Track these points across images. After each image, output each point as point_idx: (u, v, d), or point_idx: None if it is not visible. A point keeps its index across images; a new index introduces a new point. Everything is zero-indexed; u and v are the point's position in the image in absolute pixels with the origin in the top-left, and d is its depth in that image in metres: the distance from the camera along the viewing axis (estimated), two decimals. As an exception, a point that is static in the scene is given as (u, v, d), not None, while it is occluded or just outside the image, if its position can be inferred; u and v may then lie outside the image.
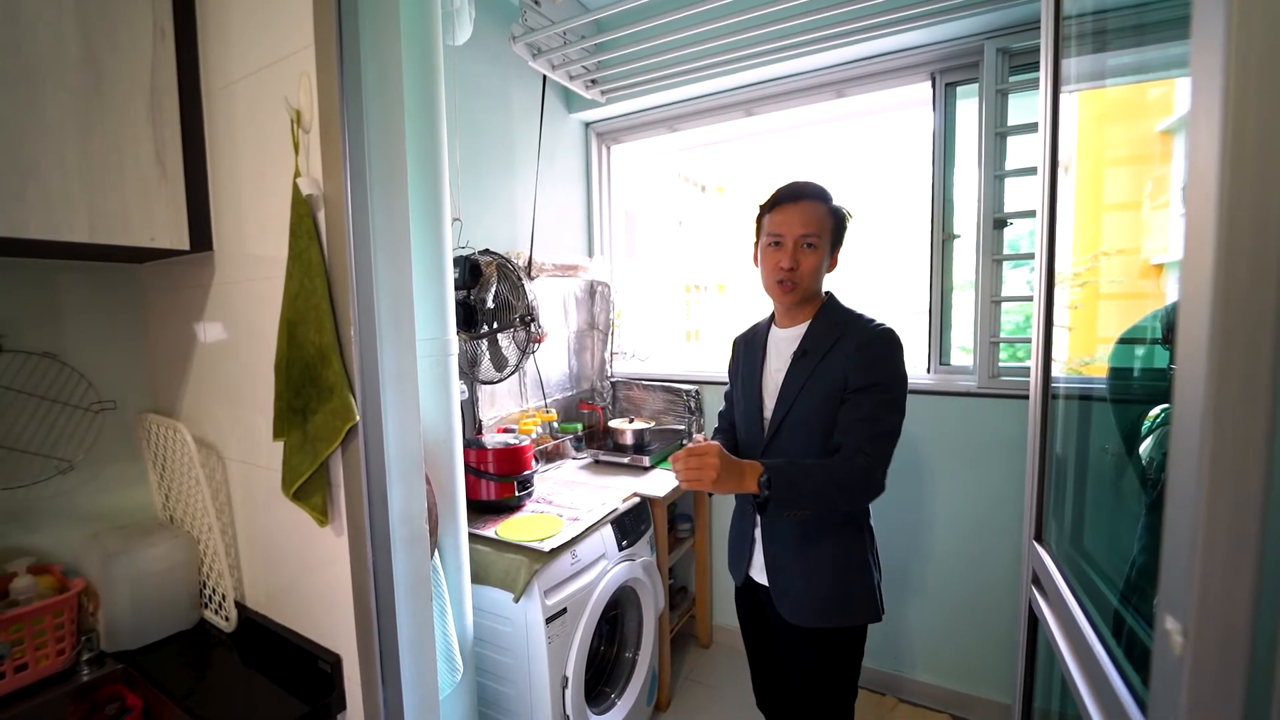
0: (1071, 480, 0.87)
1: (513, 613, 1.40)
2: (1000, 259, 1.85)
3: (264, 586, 1.04)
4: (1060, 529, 0.87)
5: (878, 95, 2.09)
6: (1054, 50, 0.87)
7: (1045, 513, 0.87)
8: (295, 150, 0.79)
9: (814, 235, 1.12)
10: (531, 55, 1.90)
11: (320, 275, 0.77)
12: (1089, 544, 0.83)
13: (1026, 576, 0.88)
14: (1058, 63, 0.86)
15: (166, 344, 1.13)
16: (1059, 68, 0.86)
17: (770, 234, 1.15)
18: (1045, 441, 0.87)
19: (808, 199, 1.13)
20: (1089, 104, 1.27)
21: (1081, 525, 0.85)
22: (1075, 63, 0.91)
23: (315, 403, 0.78)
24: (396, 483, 0.87)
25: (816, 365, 1.12)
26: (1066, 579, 0.75)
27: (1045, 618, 0.79)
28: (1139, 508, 1.17)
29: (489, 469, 1.63)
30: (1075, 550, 0.84)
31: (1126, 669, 0.61)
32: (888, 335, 1.10)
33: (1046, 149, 0.86)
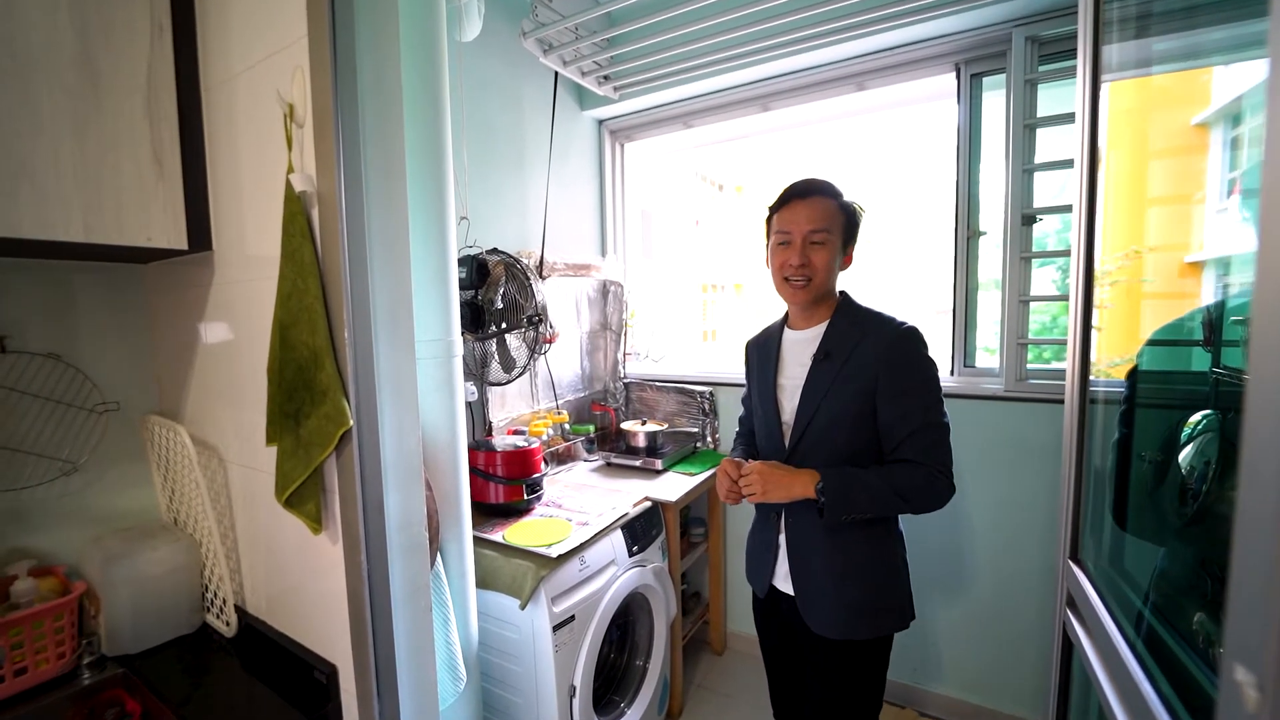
0: (1111, 495, 0.81)
1: (519, 619, 1.37)
2: (1029, 256, 1.77)
3: (264, 592, 1.02)
4: (1099, 548, 0.81)
5: (900, 88, 2.01)
6: (1093, 36, 0.80)
7: (1082, 530, 0.81)
8: (288, 145, 0.77)
9: (823, 231, 1.08)
10: (542, 51, 1.86)
11: (313, 275, 0.74)
12: (1131, 565, 0.76)
13: (1060, 597, 0.82)
14: (1097, 49, 0.79)
15: (171, 345, 1.12)
16: (1099, 55, 0.80)
17: (779, 232, 1.12)
18: (1082, 452, 0.81)
19: (815, 195, 1.09)
20: (1117, 96, 1.19)
21: (1123, 545, 0.78)
22: (1117, 49, 0.84)
23: (308, 407, 0.75)
24: (393, 489, 0.84)
25: (841, 368, 1.07)
26: (1108, 606, 0.69)
27: (1082, 645, 0.73)
28: (1176, 520, 1.09)
29: (497, 472, 1.60)
30: (1116, 572, 0.77)
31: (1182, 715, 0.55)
32: (914, 333, 1.06)
33: (1085, 140, 0.79)
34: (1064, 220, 1.83)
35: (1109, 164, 1.01)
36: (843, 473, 1.04)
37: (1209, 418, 1.17)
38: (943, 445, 1.02)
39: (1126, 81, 1.85)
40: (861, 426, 1.06)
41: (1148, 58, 0.86)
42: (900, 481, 1.01)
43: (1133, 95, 1.15)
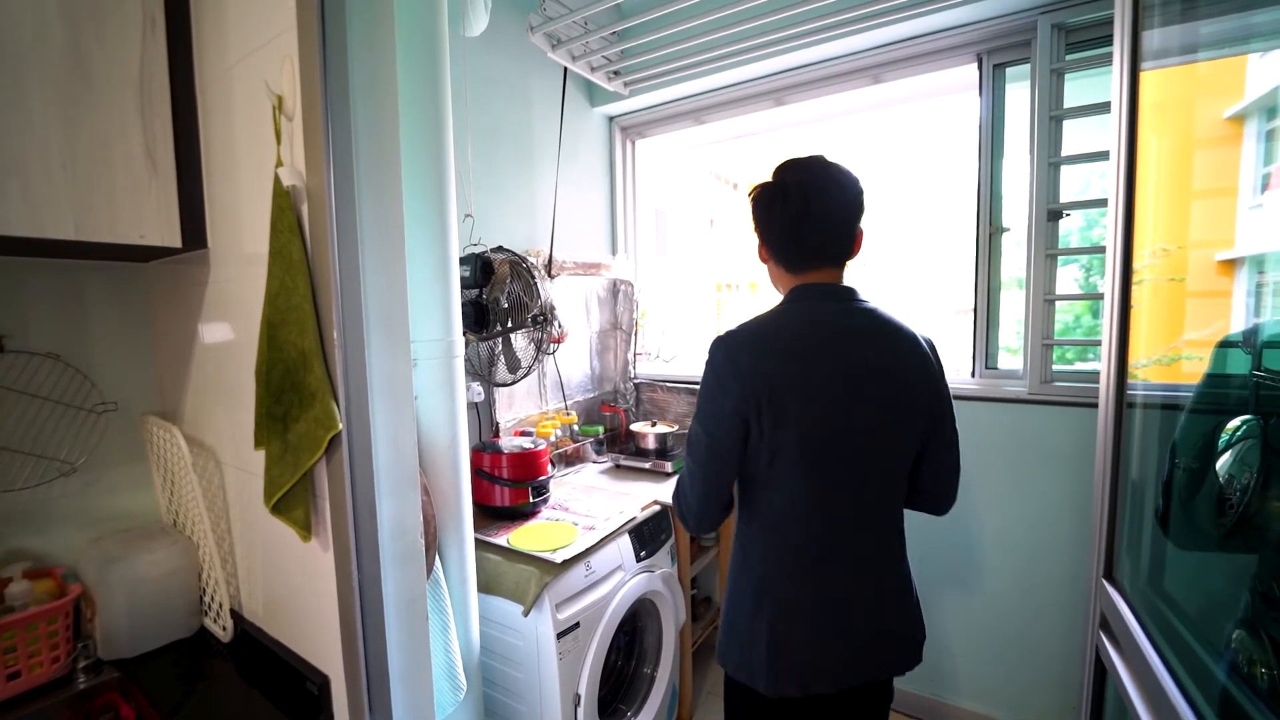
0: (1150, 507, 0.75)
1: (523, 626, 1.34)
2: (1054, 254, 1.69)
3: (261, 597, 1.00)
4: (1136, 566, 0.75)
5: (918, 80, 1.94)
6: (1133, 20, 0.74)
7: (1117, 546, 0.75)
8: (277, 139, 0.74)
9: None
10: (551, 46, 1.83)
11: (302, 273, 0.72)
12: (1172, 586, 0.70)
13: (1092, 619, 0.76)
14: (1136, 34, 0.73)
15: (172, 345, 1.11)
16: (1138, 40, 0.74)
17: None
18: (1118, 461, 0.75)
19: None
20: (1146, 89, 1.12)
21: (1162, 562, 0.73)
22: (1158, 34, 0.78)
23: (297, 410, 0.73)
24: (387, 495, 0.81)
25: None
26: (1148, 631, 0.63)
27: (1117, 670, 0.68)
28: (1213, 532, 1.03)
29: (503, 474, 1.58)
30: (1154, 592, 0.72)
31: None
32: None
33: (1122, 131, 0.74)
34: (1087, 217, 1.75)
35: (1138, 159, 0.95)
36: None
37: (1249, 423, 1.10)
38: (682, 467, 0.97)
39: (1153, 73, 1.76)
40: None
41: (1193, 43, 0.80)
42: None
43: (1161, 88, 1.08)
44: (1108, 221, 0.75)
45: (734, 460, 0.89)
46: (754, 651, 0.91)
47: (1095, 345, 2.35)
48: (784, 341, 0.87)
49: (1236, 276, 1.05)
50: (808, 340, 0.88)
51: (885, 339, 0.90)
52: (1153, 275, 1.09)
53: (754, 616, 0.91)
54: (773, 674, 0.89)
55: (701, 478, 0.91)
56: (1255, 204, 1.06)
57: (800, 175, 0.92)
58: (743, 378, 0.85)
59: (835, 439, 0.86)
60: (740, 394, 0.85)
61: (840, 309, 0.91)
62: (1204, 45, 0.80)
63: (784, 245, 0.94)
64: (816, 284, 0.93)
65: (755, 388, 0.84)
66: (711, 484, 0.91)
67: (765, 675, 0.89)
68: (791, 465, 0.86)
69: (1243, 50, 0.94)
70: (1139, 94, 0.73)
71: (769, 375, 0.85)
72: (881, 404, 0.88)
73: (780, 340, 0.88)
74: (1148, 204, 0.97)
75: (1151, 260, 1.14)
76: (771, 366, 0.85)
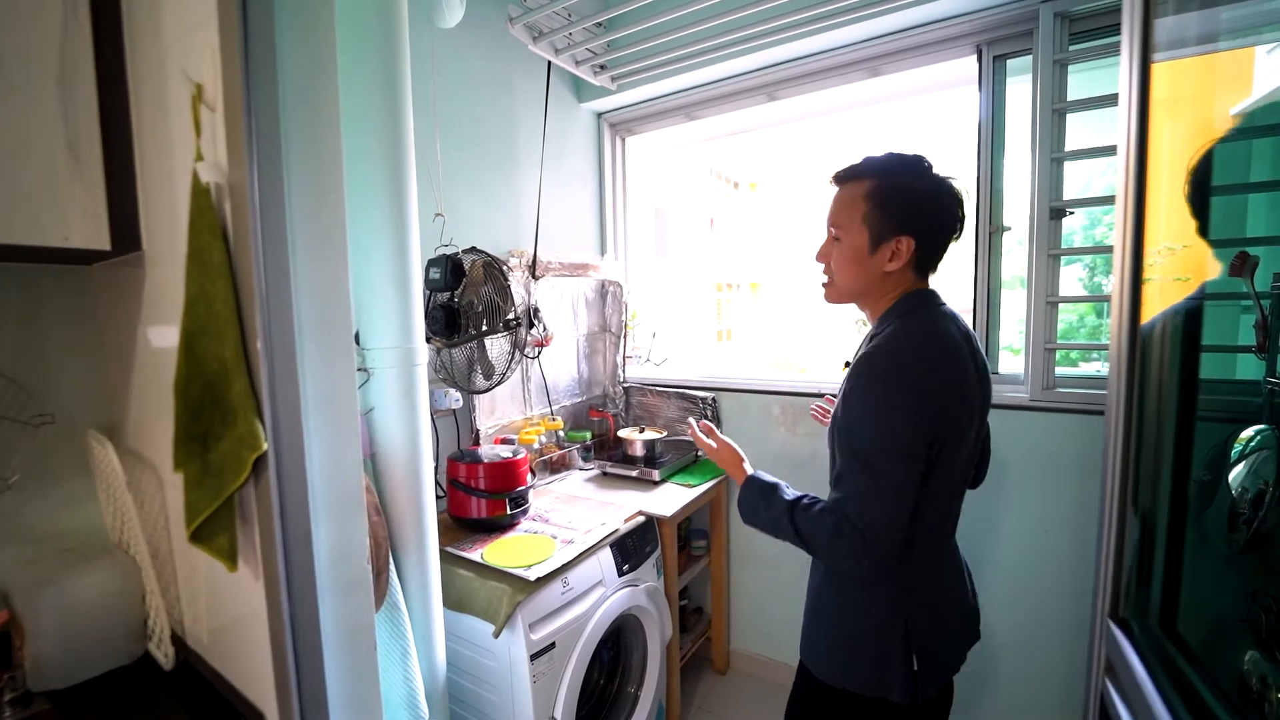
0: (1164, 536, 0.68)
1: (495, 646, 1.28)
2: (1057, 254, 1.62)
3: (205, 624, 0.93)
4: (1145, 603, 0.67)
5: (916, 73, 1.87)
6: (1144, 4, 0.67)
7: (1125, 583, 0.67)
8: (196, 131, 0.68)
9: (836, 224, 0.97)
10: (532, 38, 1.77)
11: (222, 277, 0.65)
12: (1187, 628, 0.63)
13: (1097, 662, 0.69)
14: (1148, 20, 0.66)
15: (116, 353, 1.04)
16: (1149, 27, 0.67)
17: None
18: (1126, 483, 0.68)
19: (843, 182, 0.98)
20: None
21: (1175, 598, 0.65)
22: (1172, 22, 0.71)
23: (218, 428, 0.66)
24: (325, 519, 0.75)
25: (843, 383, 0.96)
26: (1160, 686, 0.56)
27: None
28: (1225, 549, 0.96)
29: (479, 485, 1.51)
30: (1165, 634, 0.64)
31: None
32: (875, 354, 0.89)
33: (1132, 123, 0.67)
34: (1089, 215, 1.67)
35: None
36: (764, 488, 0.99)
37: (1264, 434, 1.03)
38: (861, 501, 0.85)
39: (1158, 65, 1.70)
40: (832, 453, 0.97)
41: (1210, 31, 0.72)
42: (805, 521, 0.90)
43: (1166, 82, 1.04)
44: (1116, 219, 0.68)
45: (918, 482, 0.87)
46: (888, 665, 0.91)
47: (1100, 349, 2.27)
48: (952, 360, 0.89)
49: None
50: (960, 356, 0.90)
51: (976, 344, 0.97)
52: (1159, 275, 1.02)
53: (886, 631, 0.92)
54: (919, 683, 0.91)
55: (902, 510, 0.84)
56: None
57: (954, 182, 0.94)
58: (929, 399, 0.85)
59: (968, 458, 0.95)
60: (931, 415, 0.85)
61: (952, 317, 0.95)
62: (1224, 34, 0.73)
63: (935, 250, 0.95)
64: (931, 290, 0.97)
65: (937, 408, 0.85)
66: (909, 514, 0.85)
67: (908, 687, 0.90)
68: (939, 486, 0.89)
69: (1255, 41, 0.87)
70: (1150, 85, 0.66)
71: (947, 396, 0.87)
72: (983, 411, 0.97)
73: (949, 358, 0.89)
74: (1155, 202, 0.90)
75: (1157, 259, 1.09)
76: (948, 386, 0.87)
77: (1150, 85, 0.65)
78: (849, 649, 0.95)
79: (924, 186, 0.92)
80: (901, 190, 0.91)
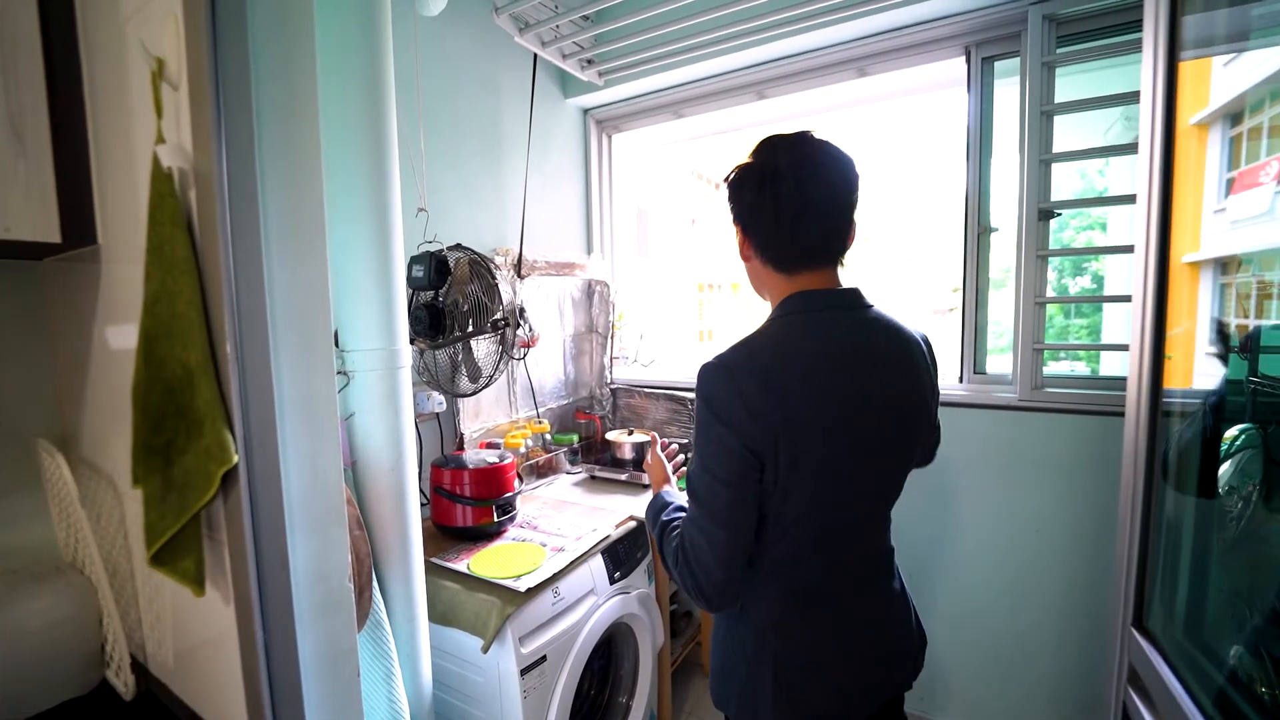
0: (1190, 542, 0.66)
1: (483, 662, 1.22)
2: (1045, 255, 1.62)
3: (170, 649, 0.86)
4: (1168, 611, 0.66)
5: (905, 74, 1.87)
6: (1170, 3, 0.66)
7: (1149, 590, 0.66)
8: (157, 111, 0.61)
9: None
10: (518, 29, 1.71)
11: (187, 274, 0.59)
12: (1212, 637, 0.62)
13: (1119, 670, 0.67)
14: (1175, 18, 0.65)
15: (69, 357, 0.96)
16: (1176, 25, 0.65)
17: None
18: (1151, 488, 0.66)
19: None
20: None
21: (1201, 607, 0.64)
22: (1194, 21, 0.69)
23: (182, 440, 0.60)
24: (303, 535, 0.69)
25: None
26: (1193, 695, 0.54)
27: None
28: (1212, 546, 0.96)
29: (465, 492, 1.45)
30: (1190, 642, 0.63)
31: None
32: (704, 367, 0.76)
33: (1158, 121, 0.65)
34: (1059, 222, 1.68)
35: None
36: (658, 503, 0.91)
37: (1248, 432, 1.04)
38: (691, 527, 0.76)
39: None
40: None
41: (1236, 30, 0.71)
42: (667, 550, 0.82)
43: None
44: (1138, 219, 0.67)
45: (755, 508, 0.75)
46: (758, 699, 0.80)
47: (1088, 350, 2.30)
48: (795, 368, 0.73)
49: (1201, 278, 1.05)
50: (820, 364, 0.74)
51: (901, 354, 0.79)
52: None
53: (756, 663, 0.81)
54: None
55: (727, 539, 0.74)
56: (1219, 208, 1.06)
57: (792, 155, 0.76)
58: (755, 416, 0.71)
59: (853, 475, 0.76)
60: (754, 434, 0.72)
61: (850, 321, 0.78)
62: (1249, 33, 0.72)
63: (774, 241, 0.79)
64: (817, 291, 0.79)
65: (771, 425, 0.71)
66: (738, 542, 0.74)
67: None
68: (804, 506, 0.75)
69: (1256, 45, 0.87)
70: (1177, 83, 0.64)
71: (784, 410, 0.71)
72: (899, 430, 0.79)
73: (790, 367, 0.73)
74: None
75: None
76: (786, 399, 0.72)
77: (1177, 84, 0.63)
78: (723, 674, 0.86)
79: (746, 173, 0.79)
80: (734, 184, 0.81)
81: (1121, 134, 3.56)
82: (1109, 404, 1.53)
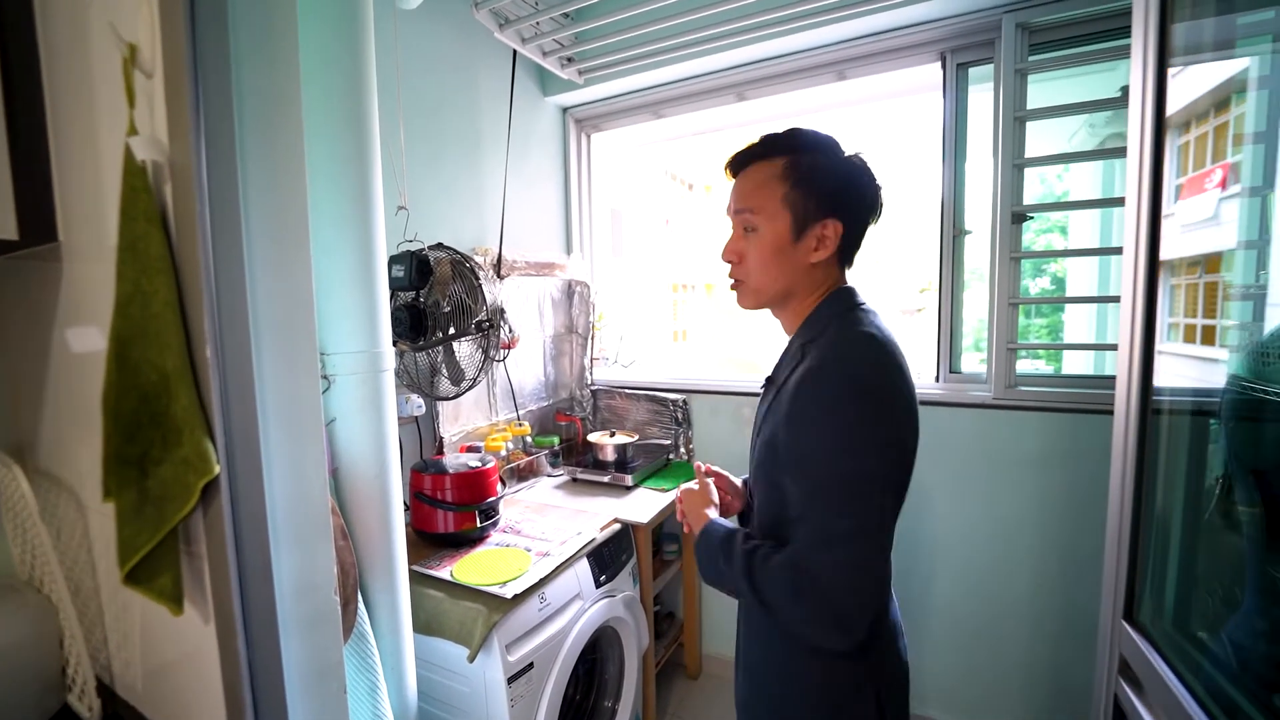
0: (1179, 535, 0.69)
1: (469, 671, 1.19)
2: (1019, 256, 1.67)
3: (139, 669, 0.81)
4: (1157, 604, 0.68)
5: (883, 79, 1.90)
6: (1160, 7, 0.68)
7: (1140, 585, 0.68)
8: (129, 101, 0.58)
9: (751, 209, 0.78)
10: (498, 25, 1.68)
11: (163, 273, 0.55)
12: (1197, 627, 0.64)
13: (1108, 664, 0.69)
14: (1164, 20, 0.67)
15: (23, 362, 0.90)
16: (1165, 31, 0.67)
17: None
18: (1142, 483, 0.68)
19: (746, 164, 0.81)
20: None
21: (1187, 601, 0.66)
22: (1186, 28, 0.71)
23: (158, 450, 0.57)
24: (288, 548, 0.66)
25: (770, 405, 0.79)
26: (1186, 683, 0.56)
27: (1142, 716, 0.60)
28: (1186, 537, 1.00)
29: (446, 497, 1.42)
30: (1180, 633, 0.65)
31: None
32: (823, 374, 0.69)
33: (1148, 121, 0.67)
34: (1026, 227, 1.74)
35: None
36: (724, 540, 0.78)
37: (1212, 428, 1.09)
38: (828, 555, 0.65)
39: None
40: (773, 486, 0.75)
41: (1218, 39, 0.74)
42: (765, 581, 0.69)
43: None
44: (1127, 221, 0.69)
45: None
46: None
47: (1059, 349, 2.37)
48: (905, 371, 0.73)
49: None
50: (906, 366, 0.75)
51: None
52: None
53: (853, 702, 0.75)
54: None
55: (884, 556, 0.67)
56: (1169, 213, 1.11)
57: (864, 158, 0.80)
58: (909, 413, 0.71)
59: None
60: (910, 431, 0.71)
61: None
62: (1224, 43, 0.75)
63: (859, 236, 0.80)
64: (855, 288, 0.81)
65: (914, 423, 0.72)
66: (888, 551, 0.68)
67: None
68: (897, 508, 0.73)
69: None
70: (1165, 89, 0.66)
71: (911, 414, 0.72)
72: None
73: (904, 370, 0.73)
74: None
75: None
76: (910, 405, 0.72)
77: (1165, 89, 0.65)
78: (792, 707, 0.77)
79: (844, 161, 0.78)
80: (822, 166, 0.77)
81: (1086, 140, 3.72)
82: (1078, 401, 1.58)
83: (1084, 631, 1.62)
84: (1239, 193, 0.90)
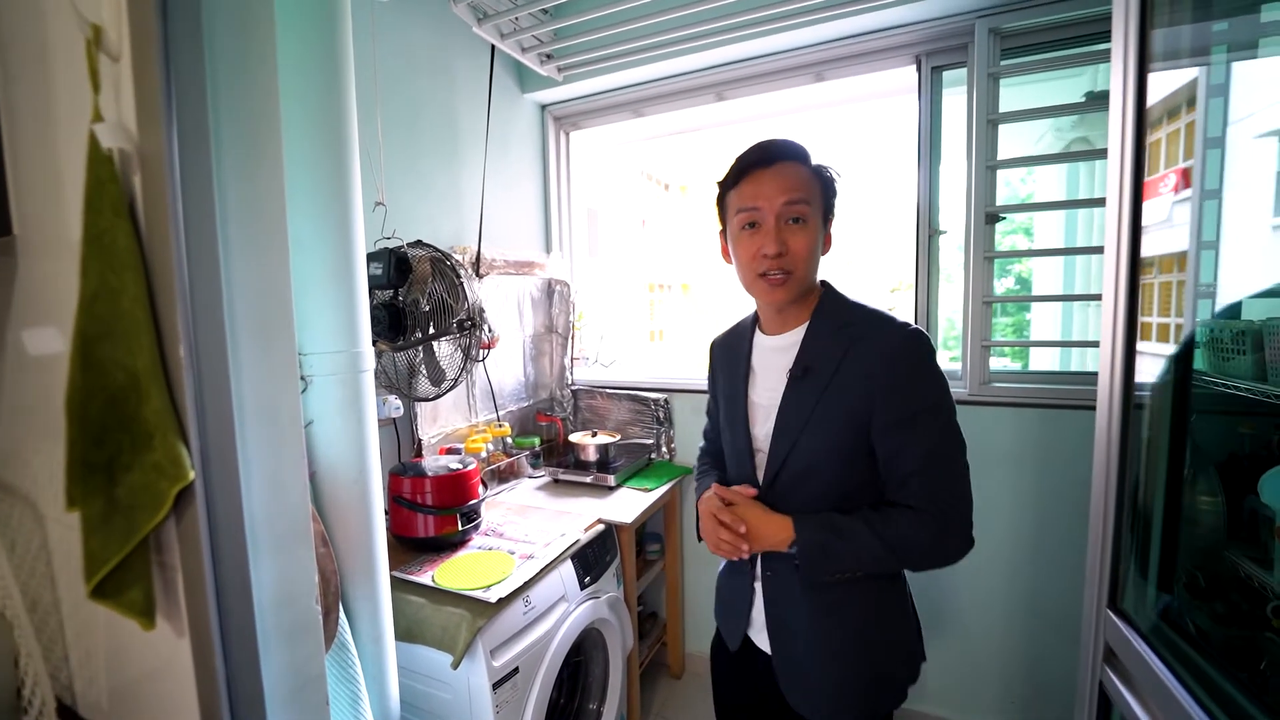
0: (1159, 524, 0.71)
1: (453, 678, 1.16)
2: (992, 256, 1.71)
3: (104, 687, 0.77)
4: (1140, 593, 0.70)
5: (860, 80, 1.93)
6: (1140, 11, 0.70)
7: (1123, 574, 0.70)
8: (94, 86, 0.54)
9: (802, 203, 0.84)
10: (476, 20, 1.65)
11: (131, 268, 0.52)
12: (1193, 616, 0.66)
13: (1093, 652, 0.71)
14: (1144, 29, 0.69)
15: (-28, 361, 0.85)
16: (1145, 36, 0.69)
17: (743, 211, 0.87)
18: (1124, 475, 0.70)
19: (785, 160, 0.86)
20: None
21: (1168, 588, 0.68)
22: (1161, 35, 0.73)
23: (128, 456, 0.53)
24: (268, 556, 0.63)
25: (824, 389, 0.85)
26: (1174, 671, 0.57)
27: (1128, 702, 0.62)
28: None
29: (426, 500, 1.38)
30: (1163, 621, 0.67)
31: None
32: (918, 339, 0.84)
33: (1128, 122, 0.69)
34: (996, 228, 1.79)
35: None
36: (823, 523, 0.85)
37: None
38: (957, 489, 0.84)
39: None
40: (855, 463, 0.86)
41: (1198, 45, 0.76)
42: (898, 534, 0.82)
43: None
44: (1108, 221, 0.71)
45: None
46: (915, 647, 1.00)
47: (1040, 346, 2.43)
48: None
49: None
50: None
51: None
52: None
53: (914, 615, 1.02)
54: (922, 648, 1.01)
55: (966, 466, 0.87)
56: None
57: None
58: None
59: None
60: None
61: None
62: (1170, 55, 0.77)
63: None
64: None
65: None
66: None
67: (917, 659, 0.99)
68: None
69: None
70: (1145, 92, 0.68)
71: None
72: None
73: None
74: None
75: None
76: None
77: (1145, 92, 0.67)
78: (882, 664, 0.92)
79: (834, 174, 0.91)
80: (827, 181, 0.89)
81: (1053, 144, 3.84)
82: (1050, 397, 1.63)
83: (1057, 622, 1.67)
84: (1189, 197, 0.95)
